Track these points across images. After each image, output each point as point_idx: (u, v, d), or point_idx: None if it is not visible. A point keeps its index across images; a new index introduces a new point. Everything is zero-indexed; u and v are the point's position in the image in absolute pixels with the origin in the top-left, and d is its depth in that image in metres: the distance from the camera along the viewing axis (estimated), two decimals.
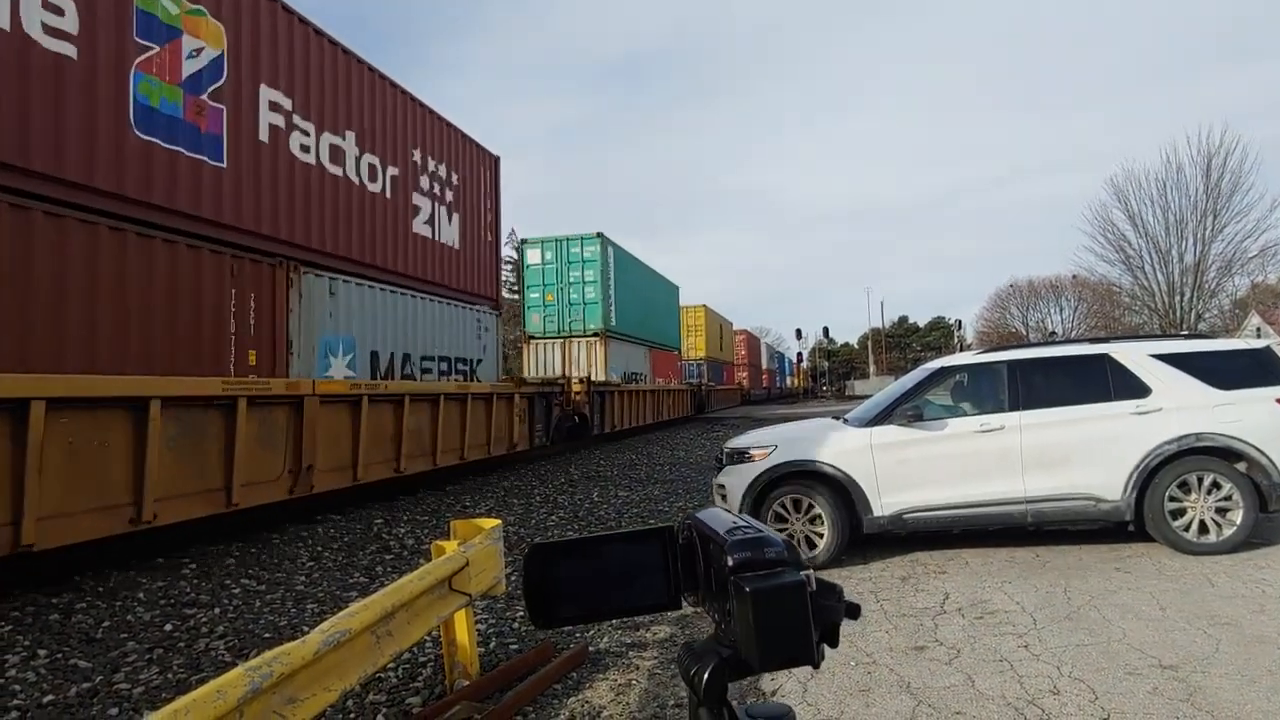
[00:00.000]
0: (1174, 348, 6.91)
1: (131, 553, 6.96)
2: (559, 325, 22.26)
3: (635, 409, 21.91)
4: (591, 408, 17.65)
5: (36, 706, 4.07)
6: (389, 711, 3.97)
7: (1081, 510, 6.56)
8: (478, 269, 14.90)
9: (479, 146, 15.11)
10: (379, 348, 11.13)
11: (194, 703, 2.05)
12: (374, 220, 11.32)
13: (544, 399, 15.45)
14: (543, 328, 22.57)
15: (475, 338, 14.17)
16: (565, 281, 22.23)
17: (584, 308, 22.19)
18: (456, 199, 13.92)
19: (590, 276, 22.22)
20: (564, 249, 22.38)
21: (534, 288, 22.67)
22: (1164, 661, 4.14)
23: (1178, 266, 35.50)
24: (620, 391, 20.68)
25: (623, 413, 20.67)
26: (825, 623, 0.73)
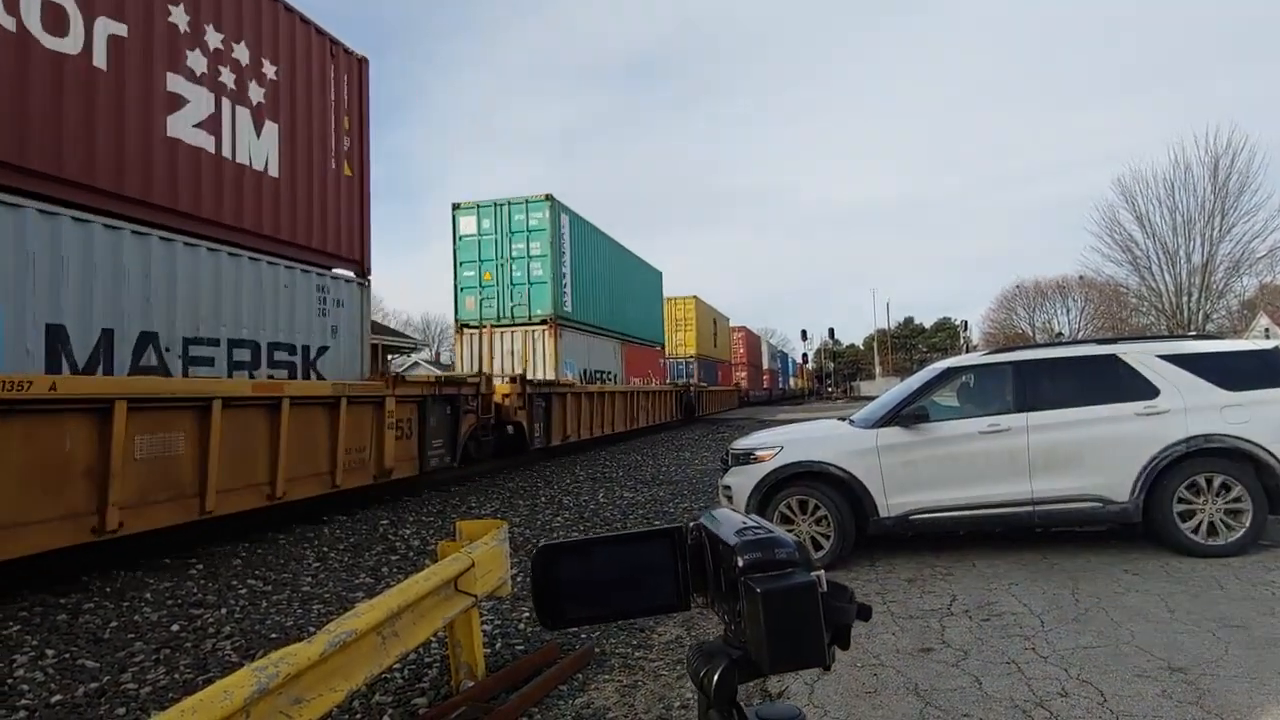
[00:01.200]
0: (1182, 349, 6.87)
1: (140, 552, 6.98)
2: (499, 310, 18.05)
3: (598, 415, 18.41)
4: (531, 415, 14.49)
5: (44, 706, 4.08)
6: (395, 712, 3.97)
7: (1089, 512, 6.53)
8: (322, 214, 10.01)
9: (326, 36, 10.17)
10: (70, 319, 6.56)
11: (201, 703, 2.05)
12: (65, 104, 6.68)
13: (445, 404, 11.47)
14: (478, 313, 18.09)
15: (316, 314, 9.71)
16: (506, 256, 18.01)
17: (529, 289, 17.94)
18: (274, 102, 9.13)
19: (537, 249, 17.94)
20: (504, 216, 18.07)
21: (468, 264, 18.29)
22: (1173, 664, 4.11)
23: (1185, 267, 35.33)
24: (574, 394, 16.91)
25: (579, 420, 17.14)
26: (836, 624, 0.72)
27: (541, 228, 18.00)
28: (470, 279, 18.31)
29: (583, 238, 20.24)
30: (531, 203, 18.12)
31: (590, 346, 20.47)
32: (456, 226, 18.49)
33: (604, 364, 21.44)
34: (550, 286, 17.90)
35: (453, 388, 11.86)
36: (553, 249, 18.01)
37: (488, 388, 12.81)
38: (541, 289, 17.97)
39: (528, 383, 14.52)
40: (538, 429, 14.93)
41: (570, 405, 16.68)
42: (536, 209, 18.11)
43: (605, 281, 22.00)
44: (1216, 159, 33.77)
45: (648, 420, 23.21)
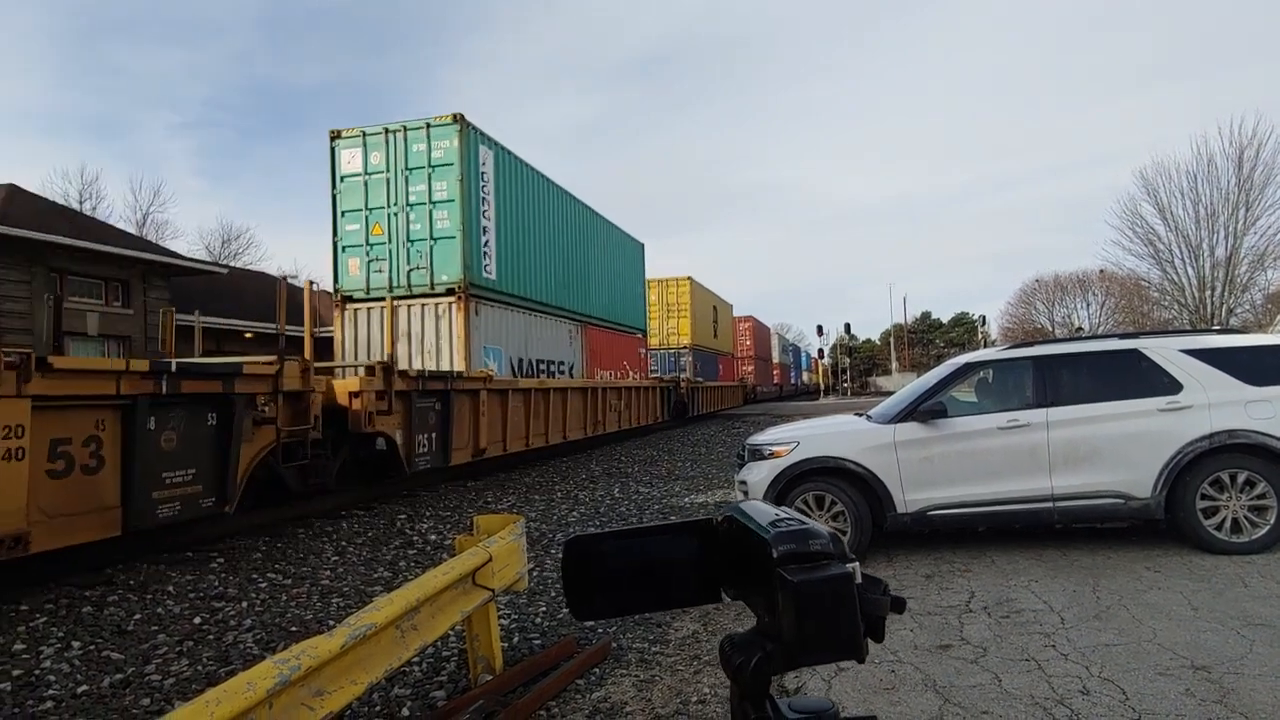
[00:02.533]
0: (1206, 343, 6.78)
1: (163, 547, 7.08)
2: (393, 277, 13.28)
3: (538, 419, 13.74)
4: (410, 423, 9.85)
5: (71, 697, 4.15)
6: (414, 705, 4.00)
7: (1110, 508, 6.46)
8: None
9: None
10: None
11: (225, 694, 2.08)
12: None
13: (201, 412, 7.00)
14: (365, 282, 13.40)
15: None
16: (402, 203, 13.20)
17: (431, 247, 13.10)
18: None
19: (443, 192, 13.04)
20: (400, 147, 13.27)
21: (352, 215, 13.51)
22: (1196, 662, 4.06)
23: (1208, 260, 34.82)
24: (492, 391, 12.07)
25: (503, 426, 12.49)
26: (871, 616, 0.72)
27: (447, 162, 12.97)
28: (354, 235, 13.53)
29: (515, 182, 15.08)
30: (435, 127, 13.10)
31: (529, 329, 15.47)
32: (336, 163, 13.64)
33: (552, 352, 16.42)
34: (460, 244, 12.92)
35: (211, 383, 7.02)
36: (465, 192, 12.99)
37: (302, 383, 8.09)
38: (448, 248, 13.02)
39: (403, 375, 9.75)
40: (425, 442, 10.28)
41: (486, 407, 11.82)
42: (442, 135, 13.08)
43: (555, 246, 16.93)
44: (1241, 150, 33.25)
45: (622, 423, 18.85)
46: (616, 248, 21.92)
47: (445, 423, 10.83)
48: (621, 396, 19.15)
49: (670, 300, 30.43)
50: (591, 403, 16.78)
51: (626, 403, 19.48)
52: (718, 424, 26.01)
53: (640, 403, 20.80)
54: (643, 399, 21.08)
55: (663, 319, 30.19)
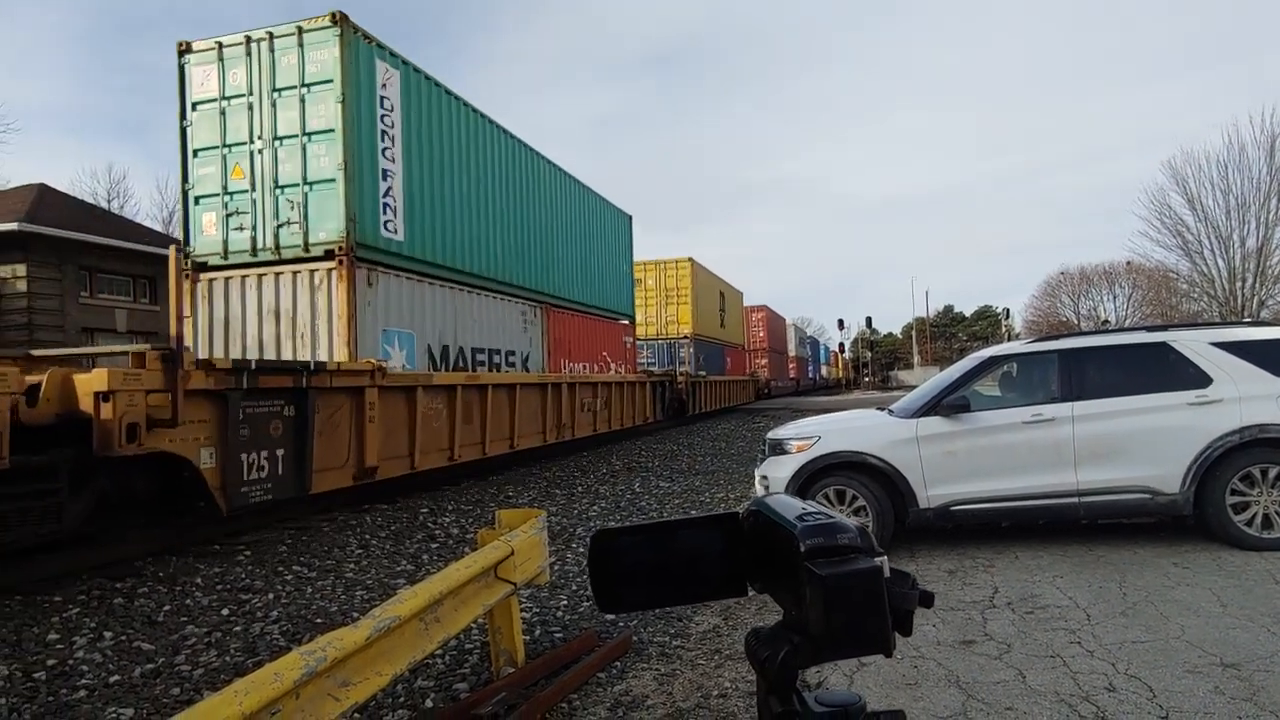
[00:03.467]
0: (1237, 335, 6.66)
1: (190, 539, 7.19)
2: (259, 237, 9.91)
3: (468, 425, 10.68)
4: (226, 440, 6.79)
5: (104, 686, 4.24)
6: (437, 696, 4.04)
7: (1138, 504, 6.38)
8: None
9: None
10: None
11: (253, 684, 2.11)
12: None
13: None
14: (222, 246, 10.01)
15: None
16: (270, 136, 9.84)
17: (306, 194, 9.73)
18: None
19: (320, 120, 9.64)
20: (266, 61, 9.90)
21: (207, 155, 10.11)
22: (1225, 660, 4.00)
23: (1239, 251, 34.14)
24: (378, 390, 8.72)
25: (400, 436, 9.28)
26: (898, 610, 0.72)
27: (325, 79, 9.54)
28: (209, 179, 10.09)
29: (438, 117, 11.56)
30: (310, 32, 9.71)
31: (460, 310, 12.03)
32: (186, 86, 10.18)
33: (497, 339, 13.09)
34: (342, 190, 9.49)
35: None
36: (349, 119, 9.55)
37: None
38: (326, 196, 9.63)
39: (208, 367, 6.62)
40: (259, 464, 7.10)
41: (378, 411, 8.68)
42: (318, 43, 9.69)
43: (501, 206, 13.42)
44: (1274, 139, 32.54)
45: (600, 425, 15.78)
46: (593, 217, 18.27)
47: (301, 434, 7.53)
48: (598, 394, 15.82)
49: (669, 285, 27.00)
50: (554, 402, 13.62)
51: (605, 401, 16.21)
52: (737, 419, 25.91)
53: (625, 401, 17.51)
54: (628, 396, 17.83)
55: (660, 306, 26.94)
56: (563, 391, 14.06)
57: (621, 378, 17.88)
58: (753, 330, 41.01)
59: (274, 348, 9.89)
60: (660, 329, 26.77)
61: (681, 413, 22.56)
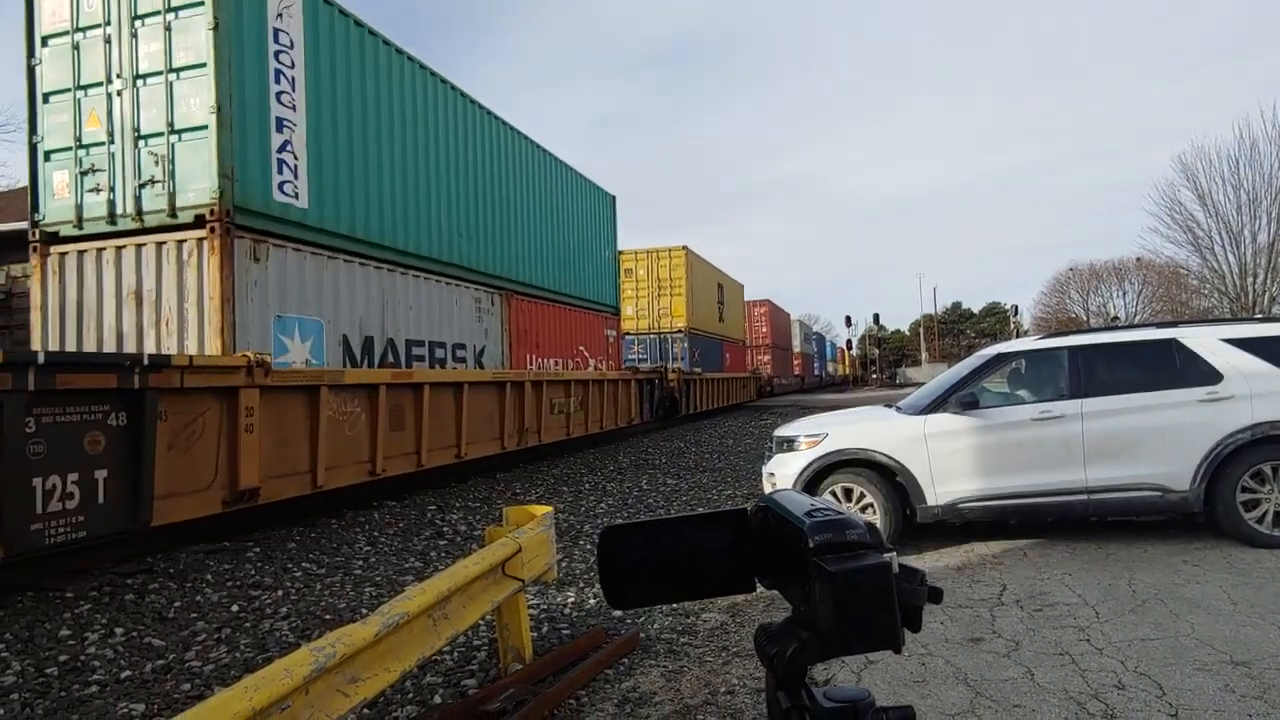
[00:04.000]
0: (1248, 332, 6.61)
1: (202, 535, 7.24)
2: (118, 200, 8.16)
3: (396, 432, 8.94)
4: None
5: (115, 681, 4.27)
6: (445, 693, 4.06)
7: (1147, 501, 6.35)
8: None
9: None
10: None
11: (263, 680, 2.12)
12: None
13: None
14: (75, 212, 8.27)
15: None
16: (130, 74, 8.10)
17: (172, 145, 7.96)
18: None
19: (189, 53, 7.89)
20: None
21: (59, 98, 8.37)
22: (1236, 657, 3.99)
23: (1250, 247, 33.90)
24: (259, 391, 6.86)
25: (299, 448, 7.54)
26: (908, 606, 0.72)
27: (194, 1, 7.86)
28: (62, 132, 8.38)
29: (356, 58, 9.66)
30: None
31: (391, 294, 10.08)
32: (35, 17, 8.47)
33: (443, 330, 11.23)
34: (215, 139, 7.75)
35: None
36: (225, 51, 7.81)
37: None
38: (197, 147, 7.87)
39: None
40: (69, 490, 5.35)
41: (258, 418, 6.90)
42: None
43: (447, 174, 11.46)
44: None
45: (575, 428, 14.12)
46: (569, 196, 16.26)
47: (135, 449, 5.80)
48: (573, 392, 14.12)
49: (661, 275, 25.06)
50: (515, 403, 11.75)
51: (581, 401, 14.48)
52: (744, 416, 25.86)
53: (606, 400, 15.80)
54: (610, 395, 16.09)
55: (652, 298, 25.00)
56: (525, 391, 12.13)
57: (601, 375, 15.87)
58: (755, 325, 39.68)
59: (135, 339, 7.93)
60: (653, 323, 24.97)
61: (673, 412, 20.84)
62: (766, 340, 40.28)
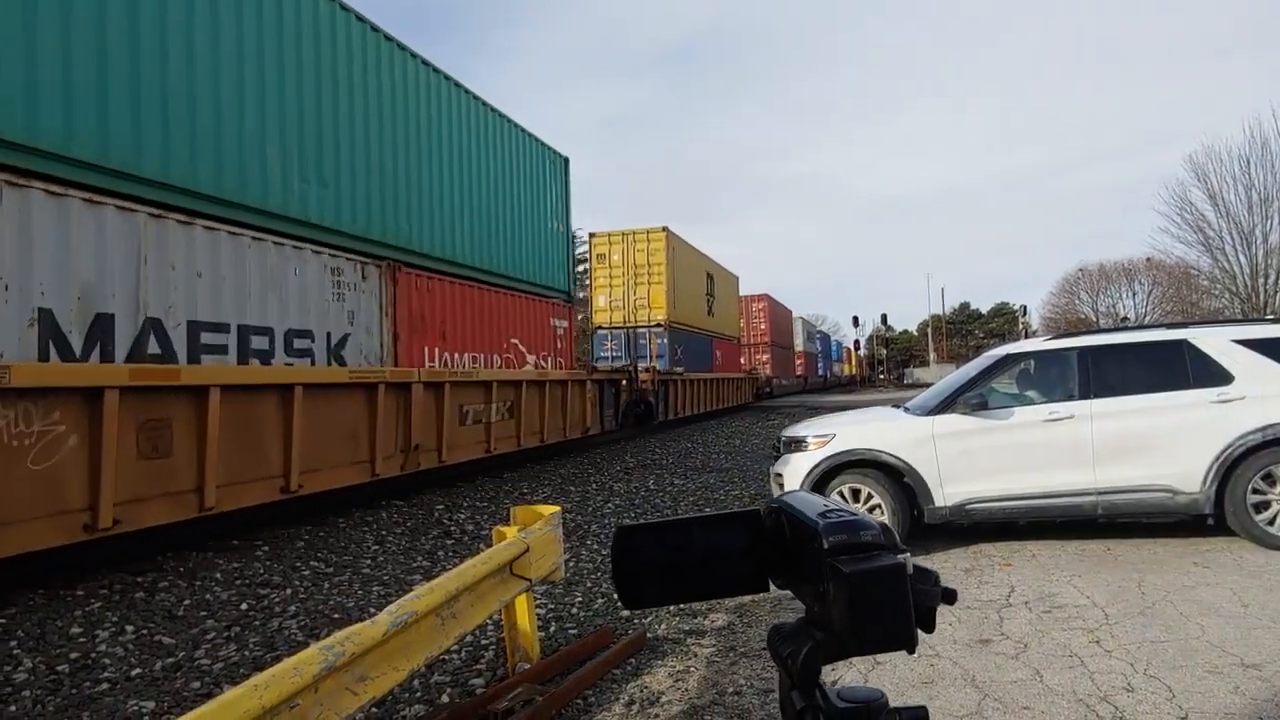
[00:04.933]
0: (1259, 333, 6.57)
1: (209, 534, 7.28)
2: None
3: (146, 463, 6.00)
4: None
5: (125, 679, 4.30)
6: (453, 692, 4.07)
7: (1157, 502, 6.31)
8: None
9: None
10: None
11: (273, 678, 2.13)
12: None
13: None
14: None
15: None
16: None
17: None
18: None
19: None
20: None
21: None
22: (1246, 660, 3.96)
23: (1262, 247, 33.63)
24: None
25: None
26: (922, 607, 0.72)
27: None
28: None
29: None
30: None
31: (157, 253, 6.82)
32: None
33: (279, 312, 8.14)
34: None
35: None
36: None
37: None
38: None
39: None
40: None
41: None
42: None
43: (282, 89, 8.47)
44: None
45: (495, 444, 11.10)
46: (502, 151, 12.95)
47: None
48: (497, 397, 11.05)
49: (638, 260, 21.71)
50: (397, 412, 9.01)
51: (512, 407, 11.53)
52: (750, 416, 25.81)
53: (551, 406, 12.77)
54: (557, 400, 13.11)
55: (627, 286, 21.77)
56: (415, 396, 9.20)
57: (541, 375, 12.70)
58: (753, 322, 36.87)
59: None
60: (628, 315, 21.70)
61: (647, 418, 17.75)
62: (765, 338, 37.50)
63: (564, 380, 13.64)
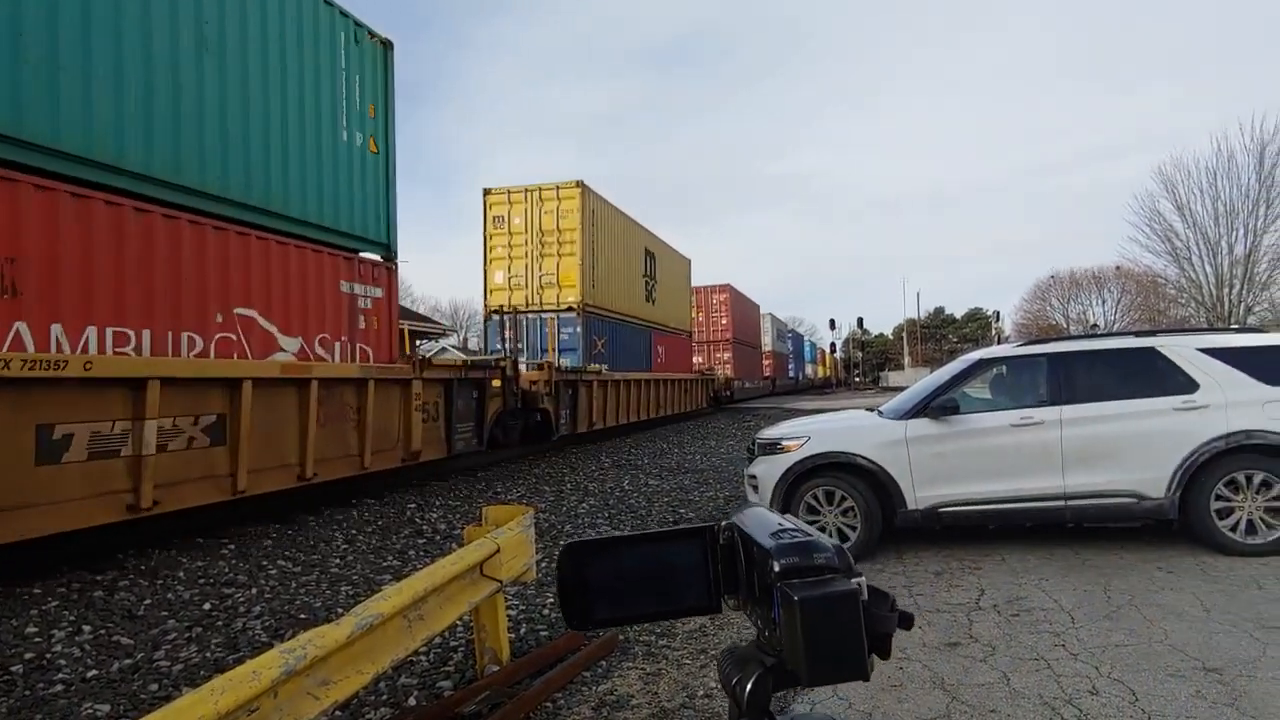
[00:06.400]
0: (1224, 341, 6.69)
1: (175, 531, 7.13)
2: None
3: None
4: None
5: (80, 680, 4.19)
6: (420, 695, 4.01)
7: (1124, 508, 6.40)
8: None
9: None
10: None
11: (230, 683, 2.08)
12: None
13: None
14: None
15: None
16: None
17: None
18: None
19: None
20: None
21: None
22: (1208, 664, 4.02)
23: (1227, 258, 34.43)
24: None
25: None
26: (876, 633, 0.69)
27: None
28: None
29: None
30: None
31: None
32: None
33: None
34: None
35: None
36: None
37: None
38: None
39: None
40: None
41: None
42: None
43: None
44: (1263, 146, 32.83)
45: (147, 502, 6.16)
46: None
47: None
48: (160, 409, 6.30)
49: (545, 225, 17.16)
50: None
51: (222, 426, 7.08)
52: (725, 417, 25.85)
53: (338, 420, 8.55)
54: (348, 411, 8.70)
55: (532, 258, 17.20)
56: None
57: (304, 371, 8.07)
58: (712, 316, 33.33)
59: None
60: (531, 296, 17.27)
61: (542, 434, 13.49)
62: (727, 334, 33.54)
63: (357, 379, 8.77)
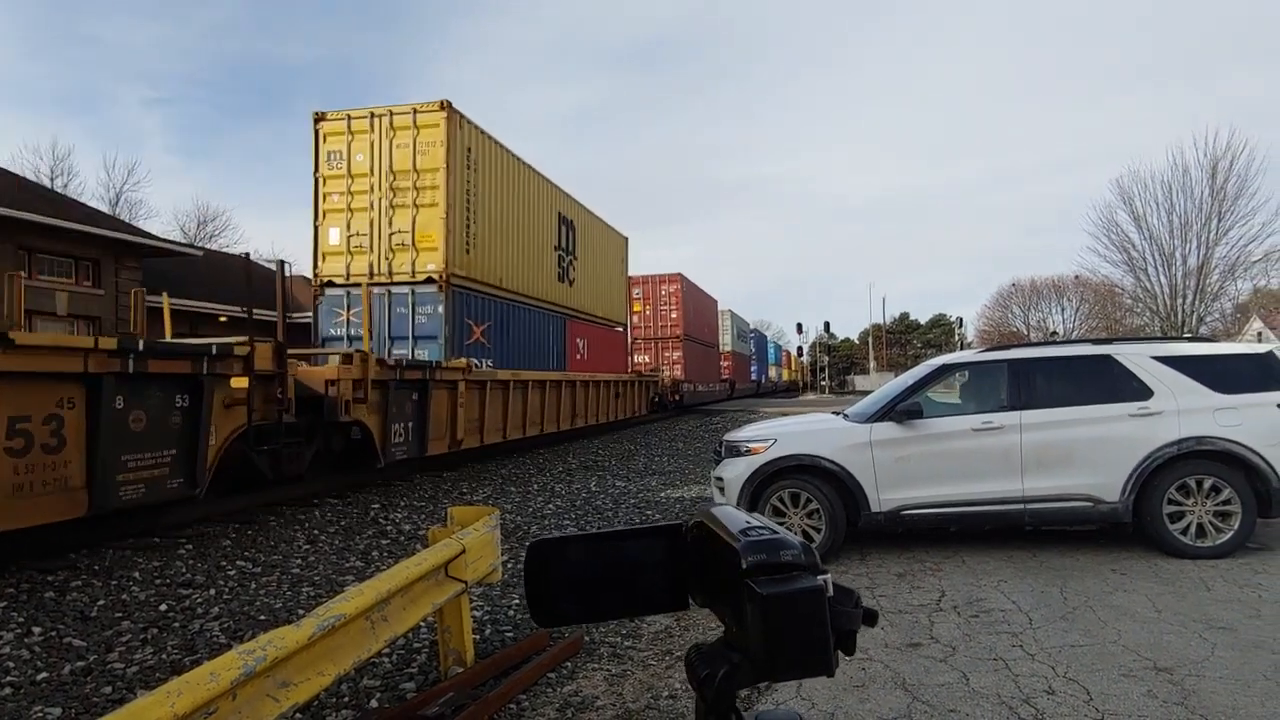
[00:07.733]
0: (1177, 350, 6.89)
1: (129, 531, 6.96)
2: None
3: None
4: None
5: (30, 684, 4.07)
6: (383, 697, 3.97)
7: (1080, 511, 6.55)
8: None
9: None
10: None
11: (187, 684, 2.04)
12: None
13: None
14: None
15: None
16: None
17: None
18: None
19: None
20: None
21: None
22: (1159, 664, 4.13)
23: (1181, 269, 35.39)
24: None
25: None
26: (841, 629, 0.70)
27: None
28: None
29: None
30: None
31: None
32: None
33: None
34: None
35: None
36: None
37: None
38: None
39: None
40: None
41: None
42: None
43: None
44: (1215, 162, 33.78)
45: None
46: None
47: None
48: None
49: (398, 165, 12.66)
50: None
51: None
52: (695, 418, 25.89)
53: None
54: None
55: (380, 211, 12.74)
56: None
57: None
58: (660, 309, 28.96)
59: None
60: (378, 263, 12.74)
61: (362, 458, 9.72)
62: (677, 330, 29.08)
63: None
